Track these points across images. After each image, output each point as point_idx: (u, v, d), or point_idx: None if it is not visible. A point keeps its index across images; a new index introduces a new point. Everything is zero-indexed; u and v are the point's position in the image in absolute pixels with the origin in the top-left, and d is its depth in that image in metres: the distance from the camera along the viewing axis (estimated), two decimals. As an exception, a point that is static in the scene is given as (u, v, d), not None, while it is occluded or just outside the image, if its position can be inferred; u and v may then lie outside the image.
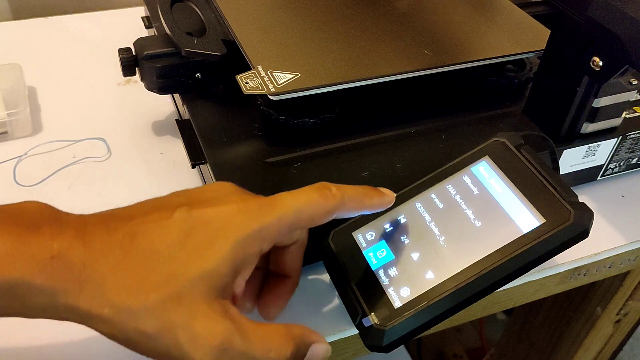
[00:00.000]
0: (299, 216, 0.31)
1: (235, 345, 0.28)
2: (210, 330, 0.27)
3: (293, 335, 0.30)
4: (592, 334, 0.68)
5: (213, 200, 0.30)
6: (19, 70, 0.55)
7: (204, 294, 0.27)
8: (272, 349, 0.29)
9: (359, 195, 0.34)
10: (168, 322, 0.27)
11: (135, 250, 0.27)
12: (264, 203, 0.30)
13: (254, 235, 0.29)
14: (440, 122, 0.47)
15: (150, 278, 0.27)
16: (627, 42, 0.37)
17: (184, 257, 0.28)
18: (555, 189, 0.35)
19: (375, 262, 0.37)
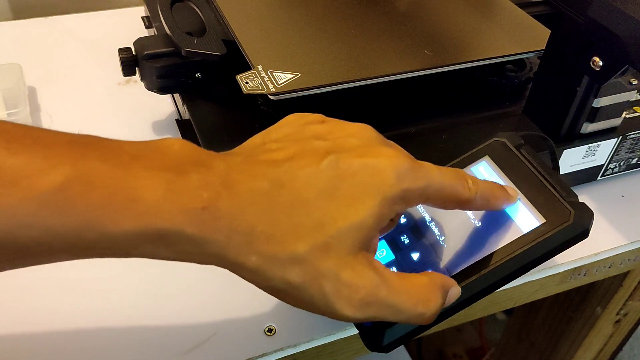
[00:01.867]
0: (438, 193, 0.30)
1: (382, 298, 0.27)
2: (356, 281, 0.27)
3: (437, 285, 0.30)
4: (592, 334, 0.68)
5: (361, 150, 0.29)
6: (19, 70, 0.55)
7: (351, 246, 0.27)
8: (420, 302, 0.29)
9: (489, 195, 0.33)
10: (315, 271, 0.26)
11: (283, 200, 0.27)
12: (415, 166, 0.29)
13: (401, 196, 0.28)
14: (440, 122, 0.47)
15: (298, 227, 0.27)
16: (627, 42, 0.37)
17: (333, 208, 0.27)
18: (555, 189, 0.35)
19: (375, 262, 0.36)
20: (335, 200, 0.27)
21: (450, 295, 0.31)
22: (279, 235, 0.26)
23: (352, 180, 0.28)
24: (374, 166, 0.28)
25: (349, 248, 0.27)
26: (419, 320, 0.29)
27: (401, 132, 0.46)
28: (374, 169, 0.28)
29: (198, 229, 0.25)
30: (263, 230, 0.26)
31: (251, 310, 0.39)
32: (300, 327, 0.38)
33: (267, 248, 0.26)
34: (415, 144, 0.45)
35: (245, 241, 0.26)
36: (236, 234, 0.26)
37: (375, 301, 0.27)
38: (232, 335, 0.38)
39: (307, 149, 0.29)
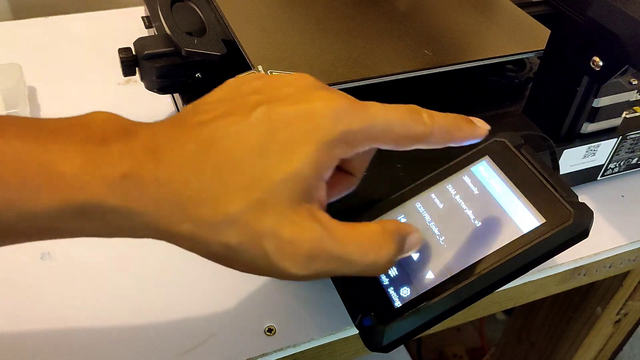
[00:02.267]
0: (386, 131, 0.28)
1: (328, 250, 0.26)
2: (298, 236, 0.25)
3: (389, 232, 0.28)
4: (592, 334, 0.68)
5: (294, 97, 0.27)
6: (19, 70, 0.55)
7: (289, 199, 0.25)
8: (370, 250, 0.27)
9: (449, 126, 0.31)
10: (252, 231, 0.25)
11: (212, 160, 0.25)
12: (354, 106, 0.27)
13: (340, 139, 0.27)
14: (440, 122, 0.47)
15: (229, 187, 0.25)
16: (627, 42, 0.37)
17: (266, 161, 0.25)
18: (555, 189, 0.35)
19: (375, 262, 0.36)
20: (269, 153, 0.25)
21: (409, 242, 0.29)
22: (210, 197, 0.25)
23: (286, 130, 0.26)
24: (308, 111, 0.26)
25: (287, 202, 0.25)
26: (372, 270, 0.28)
27: (401, 132, 0.46)
28: (308, 114, 0.26)
29: (122, 199, 0.24)
30: (192, 194, 0.25)
31: (251, 310, 0.39)
32: (300, 327, 0.38)
33: (198, 212, 0.25)
34: (415, 144, 0.45)
35: (175, 208, 0.25)
36: (164, 201, 0.25)
37: (320, 254, 0.26)
38: (232, 335, 0.38)
39: (239, 105, 0.27)
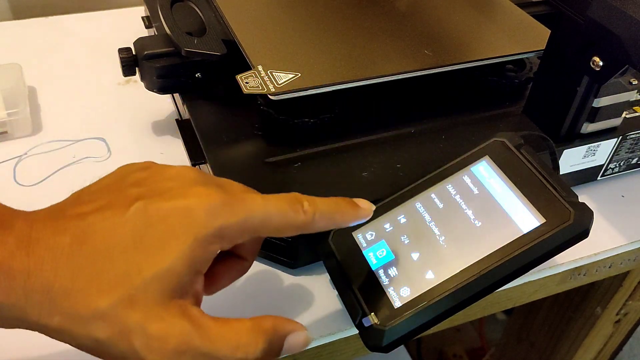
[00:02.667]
0: (265, 224, 0.29)
1: (195, 347, 0.26)
2: (165, 332, 0.26)
3: (263, 330, 0.28)
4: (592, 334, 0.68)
5: (173, 192, 0.28)
6: (19, 70, 0.55)
7: (158, 295, 0.26)
8: (239, 347, 0.27)
9: (331, 212, 0.31)
10: (120, 326, 0.25)
11: (85, 253, 0.26)
12: (230, 201, 0.28)
13: (215, 234, 0.27)
14: (440, 122, 0.47)
15: (99, 282, 0.25)
16: (627, 42, 0.37)
17: (138, 257, 0.26)
18: (555, 189, 0.35)
19: (375, 262, 0.37)
20: (142, 248, 0.26)
21: (293, 342, 0.29)
22: (79, 289, 0.25)
23: (160, 225, 0.26)
24: (183, 207, 0.27)
25: (156, 298, 0.26)
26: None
27: (401, 132, 0.46)
28: (183, 210, 0.27)
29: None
30: (63, 286, 0.25)
31: (251, 310, 0.39)
32: (300, 327, 0.38)
33: (68, 305, 0.25)
34: (415, 144, 0.45)
35: (45, 300, 0.25)
36: (33, 292, 0.25)
37: (187, 350, 0.26)
38: (232, 335, 0.38)
39: (118, 198, 0.28)
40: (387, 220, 0.38)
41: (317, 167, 0.42)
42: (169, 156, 0.50)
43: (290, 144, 0.44)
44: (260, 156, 0.42)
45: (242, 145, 0.44)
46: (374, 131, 0.46)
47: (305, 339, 0.30)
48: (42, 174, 0.48)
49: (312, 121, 0.44)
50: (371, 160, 0.43)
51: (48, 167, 0.49)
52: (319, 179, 0.41)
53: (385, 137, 0.45)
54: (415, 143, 0.45)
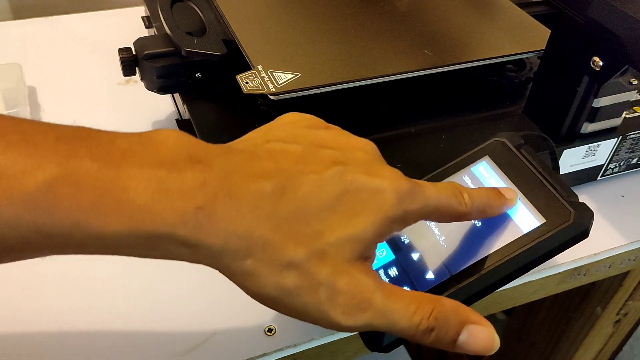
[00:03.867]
0: (435, 211, 0.30)
1: (376, 304, 0.27)
2: (352, 288, 0.27)
3: (443, 304, 0.29)
4: (592, 334, 0.68)
5: (367, 167, 0.29)
6: (19, 70, 0.55)
7: (349, 255, 0.27)
8: (416, 312, 0.28)
9: (484, 205, 0.33)
10: (311, 278, 0.26)
11: (285, 206, 0.26)
12: (414, 188, 0.29)
13: (400, 217, 0.29)
14: (440, 122, 0.47)
15: (298, 234, 0.26)
16: (627, 42, 0.37)
17: (334, 218, 0.27)
18: (555, 189, 0.35)
19: (375, 262, 0.37)
20: (337, 212, 0.27)
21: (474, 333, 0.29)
22: (277, 241, 0.26)
23: (356, 196, 0.28)
24: (377, 186, 0.28)
25: (346, 256, 0.27)
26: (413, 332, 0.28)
27: (401, 132, 0.46)
28: (377, 188, 0.28)
29: (192, 232, 0.25)
30: (262, 235, 0.26)
31: (251, 310, 0.39)
32: (300, 327, 0.38)
33: (264, 253, 0.26)
34: (415, 144, 0.45)
35: (242, 245, 0.25)
36: (234, 237, 0.25)
37: (370, 307, 0.27)
38: (232, 335, 0.38)
39: (313, 155, 0.29)
40: (387, 220, 0.38)
41: (317, 167, 0.42)
42: (169, 156, 0.50)
43: (290, 144, 0.44)
44: (260, 156, 0.42)
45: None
46: (374, 131, 0.46)
47: (489, 337, 0.29)
48: (42, 174, 0.48)
49: (312, 121, 0.44)
50: (371, 160, 0.43)
51: (48, 167, 0.48)
52: (319, 179, 0.41)
53: (385, 137, 0.45)
54: (415, 143, 0.45)
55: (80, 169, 0.23)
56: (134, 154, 0.25)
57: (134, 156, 0.25)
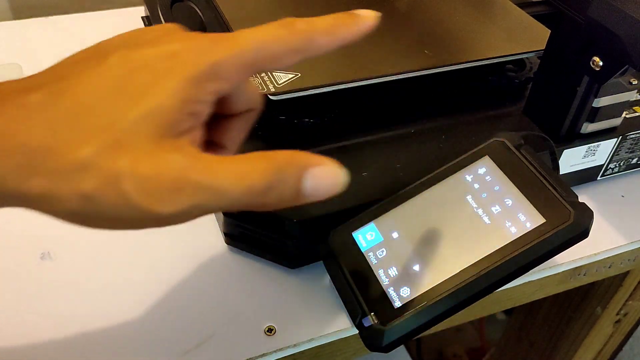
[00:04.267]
0: (261, 53, 0.26)
1: (194, 180, 0.23)
2: (158, 170, 0.23)
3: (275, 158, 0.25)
4: (592, 334, 0.68)
5: (155, 41, 0.26)
6: (19, 70, 0.55)
7: (149, 135, 0.23)
8: (245, 174, 0.24)
9: (330, 26, 0.29)
10: (108, 174, 0.23)
11: (63, 107, 0.23)
12: (219, 38, 0.26)
13: (208, 71, 0.25)
14: (440, 122, 0.47)
15: (80, 133, 0.23)
16: (628, 42, 0.37)
17: (122, 101, 0.23)
18: (555, 189, 0.35)
19: (375, 262, 0.37)
20: (126, 94, 0.24)
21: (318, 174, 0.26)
22: (59, 145, 0.23)
23: (144, 70, 0.24)
24: (169, 50, 0.25)
25: (146, 138, 0.23)
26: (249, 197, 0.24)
27: (401, 132, 0.46)
28: (169, 53, 0.25)
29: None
30: (40, 143, 0.22)
31: (251, 310, 0.39)
32: (300, 327, 0.38)
33: (48, 163, 0.22)
34: (415, 144, 0.45)
35: (22, 162, 0.22)
36: (9, 155, 0.22)
37: (185, 186, 0.23)
38: (232, 335, 0.38)
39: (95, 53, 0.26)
40: (387, 220, 0.38)
41: (317, 167, 0.42)
42: (169, 156, 0.50)
43: (290, 144, 0.43)
44: (260, 156, 0.42)
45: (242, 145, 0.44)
46: (374, 131, 0.46)
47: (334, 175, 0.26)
48: (42, 174, 0.48)
49: (312, 121, 0.44)
50: (371, 160, 0.43)
51: (48, 167, 0.48)
52: (319, 179, 0.41)
53: (385, 137, 0.45)
54: (415, 143, 0.45)
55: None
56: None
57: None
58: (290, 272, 0.42)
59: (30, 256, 0.41)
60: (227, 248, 0.43)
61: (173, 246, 0.43)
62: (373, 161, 0.43)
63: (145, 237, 0.43)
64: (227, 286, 0.40)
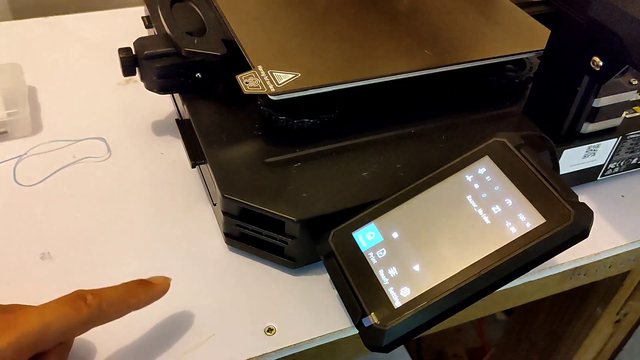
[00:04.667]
0: (45, 333, 0.28)
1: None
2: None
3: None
4: (592, 334, 0.68)
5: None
6: (19, 70, 0.55)
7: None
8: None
9: (121, 298, 0.32)
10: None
11: None
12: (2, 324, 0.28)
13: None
14: (440, 122, 0.47)
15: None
16: (628, 42, 0.37)
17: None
18: (555, 189, 0.35)
19: (375, 262, 0.37)
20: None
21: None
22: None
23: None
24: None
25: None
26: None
27: (401, 132, 0.46)
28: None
29: None
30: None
31: (251, 310, 0.39)
32: (300, 327, 0.38)
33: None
34: (415, 144, 0.45)
35: None
36: None
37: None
38: (232, 335, 0.38)
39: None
40: (387, 220, 0.38)
41: (317, 167, 0.42)
42: (169, 156, 0.50)
43: (290, 144, 0.44)
44: (260, 156, 0.42)
45: (242, 145, 0.44)
46: (374, 131, 0.46)
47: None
48: (42, 174, 0.48)
49: (312, 121, 0.44)
50: (371, 160, 0.43)
51: (48, 167, 0.49)
52: (319, 179, 0.41)
53: (385, 137, 0.45)
54: (415, 143, 0.45)
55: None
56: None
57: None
58: (290, 272, 0.42)
59: (30, 256, 0.41)
60: (227, 248, 0.43)
61: (173, 246, 0.43)
62: (373, 161, 0.43)
63: (145, 238, 0.43)
64: (227, 286, 0.40)
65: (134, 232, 0.44)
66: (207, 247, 0.43)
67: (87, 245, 0.43)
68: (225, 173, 0.41)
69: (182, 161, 0.50)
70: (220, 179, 0.40)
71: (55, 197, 0.46)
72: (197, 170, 0.49)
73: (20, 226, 0.44)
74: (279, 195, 0.39)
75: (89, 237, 0.43)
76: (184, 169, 0.49)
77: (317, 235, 0.39)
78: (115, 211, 0.45)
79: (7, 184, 0.47)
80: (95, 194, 0.47)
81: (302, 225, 0.38)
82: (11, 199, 0.46)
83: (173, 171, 0.49)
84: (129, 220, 0.45)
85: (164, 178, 0.49)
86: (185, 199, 0.47)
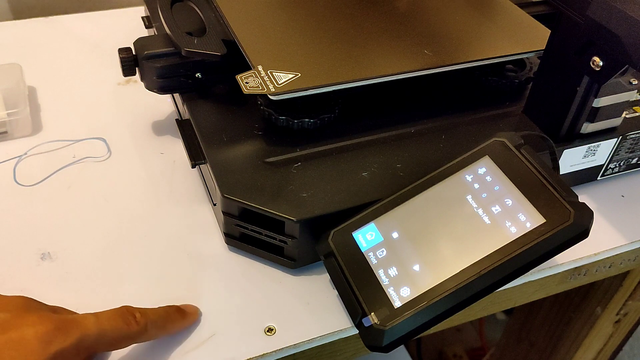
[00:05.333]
0: (100, 340, 0.30)
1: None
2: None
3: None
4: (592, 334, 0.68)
5: (5, 324, 0.29)
6: (19, 70, 0.55)
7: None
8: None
9: (162, 322, 0.34)
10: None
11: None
12: (62, 324, 0.29)
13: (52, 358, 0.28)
14: (440, 122, 0.47)
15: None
16: (627, 42, 0.37)
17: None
18: (555, 189, 0.35)
19: (375, 262, 0.37)
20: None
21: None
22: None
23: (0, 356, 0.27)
24: (17, 339, 0.28)
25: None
26: None
27: (401, 132, 0.46)
28: (17, 342, 0.28)
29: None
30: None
31: (251, 310, 0.39)
32: (300, 327, 0.38)
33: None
34: (415, 144, 0.45)
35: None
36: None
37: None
38: (232, 335, 0.38)
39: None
40: (387, 220, 0.38)
41: (317, 167, 0.42)
42: (169, 156, 0.50)
43: (290, 144, 0.44)
44: (260, 156, 0.42)
45: (242, 145, 0.44)
46: (374, 131, 0.46)
47: None
48: (42, 174, 0.48)
49: (312, 121, 0.44)
50: (371, 160, 0.43)
51: (48, 167, 0.49)
52: (319, 179, 0.41)
53: (385, 137, 0.45)
54: (415, 143, 0.45)
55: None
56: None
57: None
58: (290, 272, 0.42)
59: (31, 256, 0.42)
60: (227, 248, 0.43)
61: (173, 246, 0.43)
62: (373, 161, 0.43)
63: (145, 238, 0.43)
64: (227, 286, 0.40)
65: (134, 232, 0.44)
66: (207, 247, 0.43)
67: (87, 245, 0.43)
68: (225, 173, 0.41)
69: (182, 161, 0.50)
70: (220, 179, 0.40)
71: (55, 197, 0.46)
72: (197, 170, 0.49)
73: (20, 226, 0.44)
74: (279, 195, 0.39)
75: (89, 237, 0.43)
76: (184, 169, 0.49)
77: (317, 235, 0.39)
78: (115, 211, 0.45)
79: (7, 184, 0.47)
80: (95, 194, 0.47)
81: (302, 225, 0.38)
82: (11, 199, 0.46)
83: (173, 171, 0.49)
84: (129, 220, 0.45)
85: (164, 178, 0.49)
86: (185, 199, 0.47)
